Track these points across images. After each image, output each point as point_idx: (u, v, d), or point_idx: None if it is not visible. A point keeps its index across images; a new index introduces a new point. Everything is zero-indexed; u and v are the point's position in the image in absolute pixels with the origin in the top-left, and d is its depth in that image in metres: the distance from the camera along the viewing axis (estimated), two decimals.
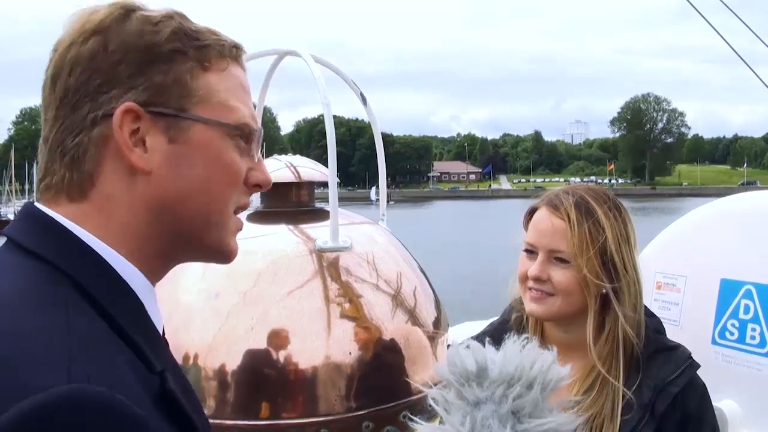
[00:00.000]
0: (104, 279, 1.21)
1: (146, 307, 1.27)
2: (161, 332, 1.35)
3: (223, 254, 1.40)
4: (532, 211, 2.45)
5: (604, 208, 2.33)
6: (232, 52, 1.37)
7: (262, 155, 1.48)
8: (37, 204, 1.28)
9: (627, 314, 2.30)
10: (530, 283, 2.38)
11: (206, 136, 1.30)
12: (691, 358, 2.34)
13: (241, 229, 1.43)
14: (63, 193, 1.27)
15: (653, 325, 2.40)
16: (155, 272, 1.34)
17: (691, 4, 5.60)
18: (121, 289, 1.23)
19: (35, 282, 1.15)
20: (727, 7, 5.64)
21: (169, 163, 1.27)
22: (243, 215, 1.52)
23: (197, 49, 1.31)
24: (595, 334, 2.33)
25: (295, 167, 3.21)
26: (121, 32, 1.26)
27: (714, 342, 3.14)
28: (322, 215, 3.22)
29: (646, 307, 2.43)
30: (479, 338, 2.11)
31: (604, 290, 2.31)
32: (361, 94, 3.40)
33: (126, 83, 1.24)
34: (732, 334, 3.09)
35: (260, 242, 2.86)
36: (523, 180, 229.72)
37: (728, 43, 5.58)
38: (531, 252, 2.39)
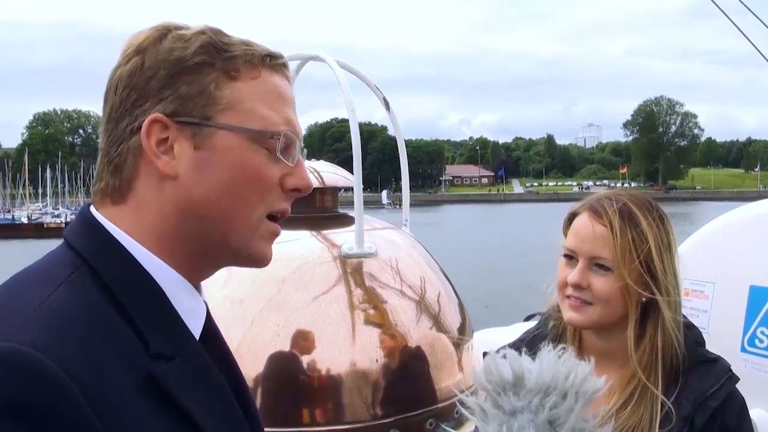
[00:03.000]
0: (118, 265, 1.32)
1: (176, 299, 1.36)
2: (202, 323, 1.43)
3: (251, 258, 1.44)
4: (572, 217, 2.39)
5: (647, 216, 2.28)
6: (265, 61, 1.43)
7: None
8: (92, 206, 1.41)
9: (667, 323, 2.26)
10: (569, 290, 2.31)
11: (231, 142, 1.36)
12: (731, 371, 2.29)
13: (277, 235, 1.45)
14: (108, 198, 1.39)
15: (693, 336, 2.35)
16: (188, 271, 1.41)
17: (715, 4, 5.53)
18: (135, 275, 1.32)
19: (50, 264, 1.33)
20: (747, 8, 5.58)
21: (195, 169, 1.35)
22: None
23: (225, 60, 1.38)
24: (635, 343, 2.29)
25: (318, 172, 3.20)
26: (156, 51, 1.36)
27: (743, 350, 3.10)
28: (345, 221, 3.21)
29: (685, 317, 2.38)
30: (515, 346, 2.08)
31: (644, 299, 2.27)
32: (384, 99, 3.39)
33: (156, 96, 1.35)
34: (762, 341, 3.05)
35: (284, 248, 2.82)
36: (536, 184, 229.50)
37: (753, 43, 5.51)
38: (570, 258, 2.34)
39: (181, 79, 1.34)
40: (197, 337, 1.39)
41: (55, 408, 1.10)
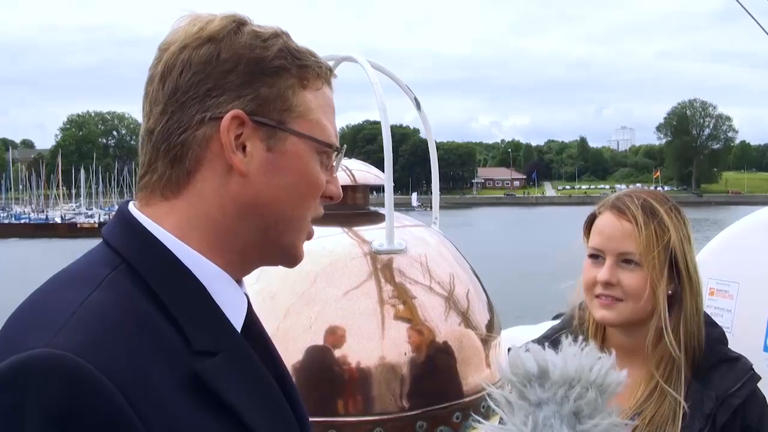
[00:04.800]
0: (159, 263, 1.32)
1: (218, 293, 1.37)
2: (243, 317, 1.45)
3: (292, 257, 1.51)
4: (592, 218, 2.44)
5: (666, 209, 2.33)
6: (327, 74, 1.49)
7: None
8: (130, 203, 1.41)
9: (689, 314, 2.30)
10: (599, 289, 2.35)
11: (299, 149, 1.41)
12: (753, 370, 2.32)
13: (311, 237, 1.52)
14: (158, 192, 1.38)
15: (716, 335, 2.38)
16: (235, 266, 1.43)
17: (741, 5, 5.52)
18: (175, 273, 1.33)
19: (89, 263, 1.33)
20: None
21: (265, 170, 1.38)
22: None
23: (299, 68, 1.42)
24: (656, 337, 2.33)
25: (350, 171, 3.26)
26: (234, 44, 1.37)
27: (766, 349, 3.11)
28: (376, 218, 3.26)
29: (709, 316, 2.42)
30: (538, 342, 2.11)
31: (669, 291, 2.31)
32: (415, 99, 3.44)
33: (235, 91, 1.36)
34: None
35: (316, 244, 2.88)
36: (568, 187, 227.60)
37: None
38: (596, 257, 2.38)
39: (261, 79, 1.37)
40: (239, 330, 1.40)
41: (99, 415, 1.09)
